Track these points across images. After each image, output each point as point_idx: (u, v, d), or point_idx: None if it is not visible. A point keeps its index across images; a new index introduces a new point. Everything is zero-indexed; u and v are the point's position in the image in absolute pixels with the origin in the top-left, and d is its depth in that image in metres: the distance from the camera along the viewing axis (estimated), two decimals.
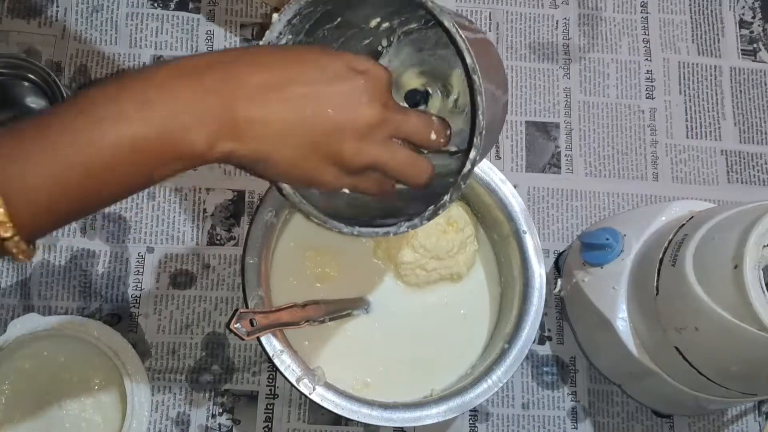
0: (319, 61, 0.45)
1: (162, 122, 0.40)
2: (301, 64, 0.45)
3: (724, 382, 0.60)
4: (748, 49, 0.85)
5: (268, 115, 0.43)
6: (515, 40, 0.82)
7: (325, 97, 0.44)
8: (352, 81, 0.45)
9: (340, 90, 0.45)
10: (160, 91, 0.41)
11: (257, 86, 0.43)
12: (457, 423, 0.72)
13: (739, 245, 0.53)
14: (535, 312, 0.65)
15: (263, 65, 0.44)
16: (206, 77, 0.42)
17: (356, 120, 0.45)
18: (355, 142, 0.45)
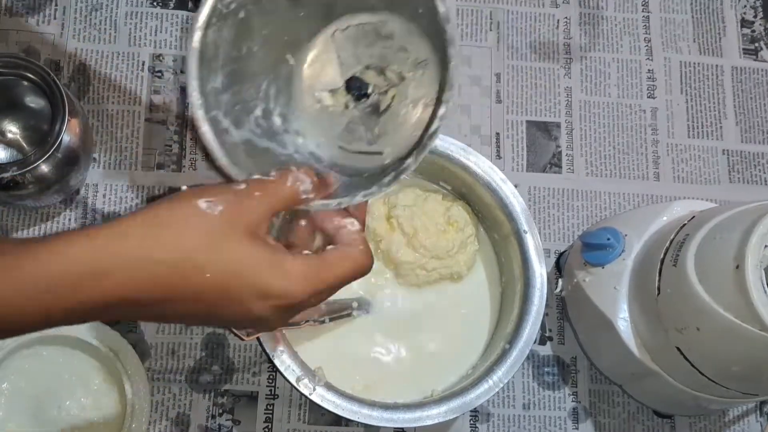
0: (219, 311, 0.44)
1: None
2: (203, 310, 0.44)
3: (726, 382, 0.60)
4: (750, 48, 0.84)
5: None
6: (516, 40, 0.82)
7: (225, 320, 0.46)
8: (254, 308, 0.44)
9: (239, 318, 0.45)
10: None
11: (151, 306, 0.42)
12: (458, 423, 0.72)
13: (741, 245, 0.53)
14: (536, 312, 0.65)
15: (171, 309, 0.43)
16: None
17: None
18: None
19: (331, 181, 0.49)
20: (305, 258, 0.45)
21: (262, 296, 0.43)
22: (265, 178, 0.47)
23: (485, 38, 0.82)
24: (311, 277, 0.45)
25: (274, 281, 0.43)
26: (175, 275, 0.41)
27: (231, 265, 0.42)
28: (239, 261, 0.43)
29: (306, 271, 0.44)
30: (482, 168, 0.67)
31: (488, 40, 0.82)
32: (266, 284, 0.43)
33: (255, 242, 0.43)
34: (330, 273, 0.46)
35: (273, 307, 0.44)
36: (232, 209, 0.43)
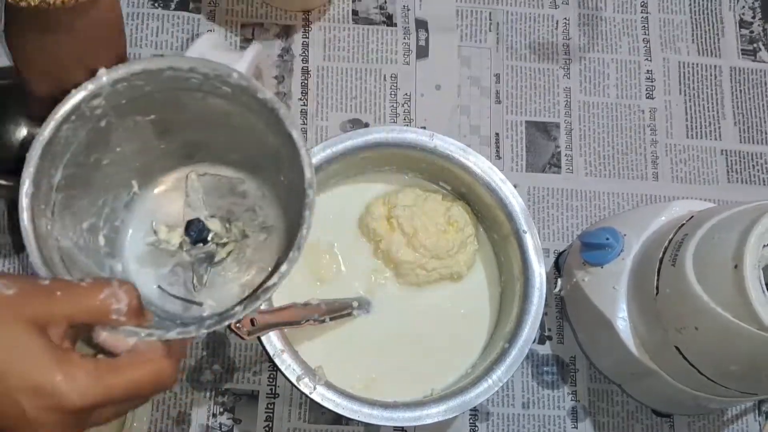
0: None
1: None
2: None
3: (724, 381, 0.60)
4: (748, 48, 0.85)
5: None
6: (515, 40, 0.82)
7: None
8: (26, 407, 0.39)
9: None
10: None
11: None
12: (458, 422, 0.72)
13: (739, 245, 0.53)
14: (536, 312, 0.65)
15: None
16: None
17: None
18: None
19: (150, 317, 0.45)
20: (95, 360, 0.41)
21: (39, 395, 0.38)
22: (73, 282, 0.43)
23: (485, 39, 0.82)
24: (99, 382, 0.40)
25: (50, 378, 0.38)
26: None
27: (7, 353, 0.38)
28: (14, 348, 0.38)
29: (94, 375, 0.40)
30: (482, 168, 0.67)
31: (488, 40, 0.82)
32: (44, 381, 0.38)
33: (39, 336, 0.39)
34: (122, 379, 0.41)
35: (49, 409, 0.38)
36: (24, 297, 0.40)
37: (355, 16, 0.81)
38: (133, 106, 0.49)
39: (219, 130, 0.53)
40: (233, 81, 0.47)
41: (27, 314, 0.39)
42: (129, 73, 0.47)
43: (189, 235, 0.54)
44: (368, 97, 0.79)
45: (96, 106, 0.47)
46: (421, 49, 0.81)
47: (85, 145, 0.49)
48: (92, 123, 0.48)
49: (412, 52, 0.81)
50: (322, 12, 0.81)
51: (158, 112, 0.51)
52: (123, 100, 0.48)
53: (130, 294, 0.43)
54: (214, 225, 0.55)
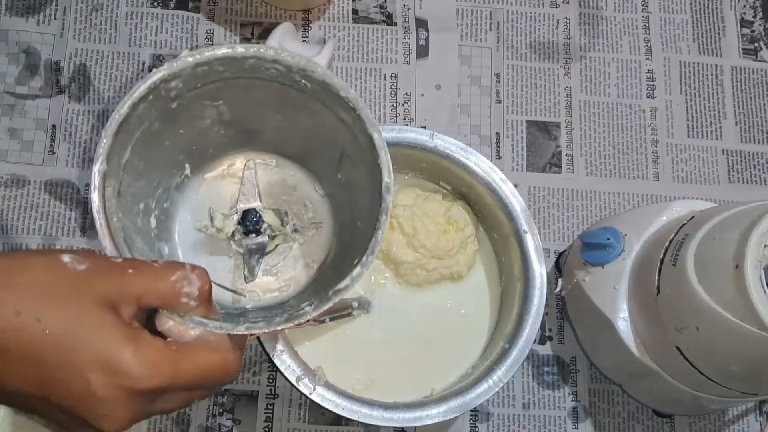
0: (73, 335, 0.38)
1: None
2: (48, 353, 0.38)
3: (725, 381, 0.60)
4: (750, 48, 0.85)
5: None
6: (516, 40, 0.82)
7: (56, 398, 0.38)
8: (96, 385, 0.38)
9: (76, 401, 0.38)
10: None
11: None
12: (458, 423, 0.72)
13: (741, 245, 0.53)
14: (536, 312, 0.65)
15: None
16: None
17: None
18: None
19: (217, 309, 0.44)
20: (166, 342, 0.40)
21: (107, 371, 0.38)
22: (145, 261, 0.42)
23: (485, 38, 0.82)
24: (168, 363, 0.39)
25: (123, 356, 0.38)
26: (12, 322, 0.37)
27: (77, 327, 0.38)
28: (88, 324, 0.38)
29: (164, 355, 0.39)
30: (482, 168, 0.67)
31: (488, 40, 0.82)
32: (114, 357, 0.38)
33: (109, 312, 0.39)
34: (192, 363, 0.40)
35: (118, 388, 0.38)
36: (97, 273, 0.39)
37: (355, 15, 0.81)
38: (206, 90, 0.49)
39: (284, 121, 0.52)
40: (317, 76, 0.47)
41: (98, 290, 0.39)
42: (212, 58, 0.46)
43: (244, 225, 0.53)
44: (368, 97, 0.79)
45: (173, 88, 0.47)
46: (422, 48, 0.81)
47: (155, 125, 0.48)
48: (165, 103, 0.48)
49: (412, 52, 0.81)
50: (322, 11, 0.80)
51: (228, 98, 0.50)
52: (199, 84, 0.48)
53: (203, 278, 0.42)
54: (270, 217, 0.54)
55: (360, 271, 0.46)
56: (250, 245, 0.54)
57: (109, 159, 0.46)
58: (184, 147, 0.53)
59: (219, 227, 0.54)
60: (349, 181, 0.51)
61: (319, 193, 0.56)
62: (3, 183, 0.73)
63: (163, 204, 0.54)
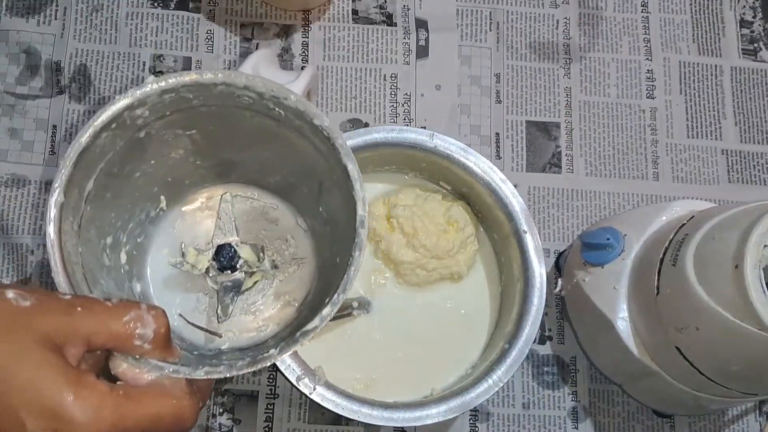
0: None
1: None
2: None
3: (725, 381, 0.60)
4: (749, 48, 0.85)
5: None
6: (515, 40, 0.82)
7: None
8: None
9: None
10: None
11: None
12: (458, 423, 0.72)
13: (740, 245, 0.53)
14: (536, 312, 0.65)
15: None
16: None
17: None
18: None
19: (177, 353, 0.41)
20: (112, 386, 0.37)
21: (45, 415, 0.35)
22: (96, 299, 0.39)
23: (485, 38, 0.82)
24: (111, 408, 0.36)
25: (63, 400, 0.35)
26: None
27: (15, 365, 0.35)
28: (27, 363, 0.35)
29: (107, 400, 0.36)
30: (482, 168, 0.67)
31: (488, 40, 0.82)
32: (53, 401, 0.35)
33: (52, 353, 0.36)
34: (139, 410, 0.38)
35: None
36: (42, 310, 0.37)
37: (355, 15, 0.81)
38: (176, 118, 0.47)
39: (261, 151, 0.50)
40: (290, 103, 0.45)
41: (42, 328, 0.36)
42: (179, 84, 0.44)
43: (218, 261, 0.51)
44: (368, 97, 0.79)
45: (138, 116, 0.45)
46: (421, 48, 0.81)
47: (121, 155, 0.46)
48: (131, 133, 0.46)
49: (412, 52, 0.81)
50: (322, 11, 0.81)
51: (200, 128, 0.48)
52: (167, 112, 0.46)
53: (159, 320, 0.39)
54: (246, 252, 0.52)
55: (329, 311, 0.44)
56: (225, 282, 0.52)
57: (68, 190, 0.43)
58: (157, 179, 0.51)
59: (192, 263, 0.52)
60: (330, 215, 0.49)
61: (301, 227, 0.54)
62: (3, 183, 0.73)
63: (137, 239, 0.51)
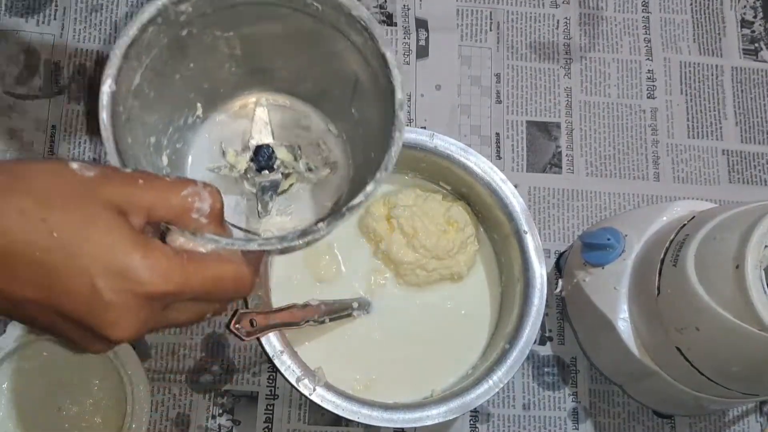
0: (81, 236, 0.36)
1: None
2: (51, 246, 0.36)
3: (726, 382, 0.60)
4: (750, 48, 0.84)
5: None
6: (516, 40, 0.82)
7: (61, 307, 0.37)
8: (104, 288, 0.37)
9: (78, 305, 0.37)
10: None
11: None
12: (458, 424, 0.72)
13: (741, 245, 0.53)
14: (536, 312, 0.65)
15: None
16: None
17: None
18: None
19: (230, 230, 0.43)
20: (177, 250, 0.39)
21: (115, 275, 0.36)
22: (156, 174, 0.41)
23: (485, 38, 0.82)
24: (179, 268, 0.38)
25: (132, 260, 0.36)
26: (17, 223, 0.36)
27: (84, 230, 0.36)
28: (96, 226, 0.36)
29: (174, 261, 0.38)
30: (482, 168, 0.67)
31: (488, 40, 0.82)
32: (122, 261, 0.36)
33: (119, 217, 0.37)
34: (203, 271, 0.39)
35: (126, 293, 0.37)
36: (106, 180, 0.38)
37: None
38: (217, 17, 0.48)
39: (296, 56, 0.51)
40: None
41: (107, 196, 0.37)
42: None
43: (257, 161, 0.53)
44: None
45: (182, 12, 0.46)
46: (422, 48, 0.81)
47: (165, 52, 0.48)
48: (175, 29, 0.47)
49: (412, 52, 0.80)
50: None
51: (238, 29, 0.50)
52: (209, 10, 0.47)
53: (214, 196, 0.41)
54: (282, 153, 0.54)
55: (373, 187, 0.45)
56: (263, 182, 0.53)
57: (119, 81, 0.44)
58: (195, 83, 0.52)
59: (232, 163, 0.53)
60: (362, 116, 0.50)
61: (333, 133, 0.55)
62: None
63: (176, 144, 0.53)
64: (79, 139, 0.75)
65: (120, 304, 0.37)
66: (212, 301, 0.42)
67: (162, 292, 0.37)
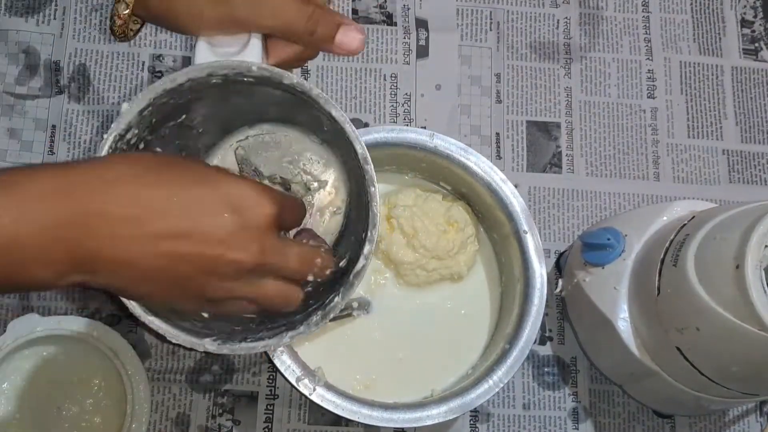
0: (193, 191, 0.41)
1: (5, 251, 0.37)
2: (173, 194, 0.41)
3: (726, 382, 0.60)
4: (750, 48, 0.84)
5: (129, 260, 0.40)
6: (516, 40, 0.82)
7: (195, 238, 0.41)
8: (228, 220, 0.41)
9: (212, 231, 0.41)
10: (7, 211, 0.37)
11: (122, 220, 0.39)
12: (458, 423, 0.72)
13: (741, 245, 0.53)
14: (536, 312, 0.65)
15: (129, 196, 0.40)
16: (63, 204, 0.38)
17: (226, 265, 0.42)
18: (222, 282, 0.43)
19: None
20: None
21: (237, 208, 0.42)
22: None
23: (485, 38, 0.82)
24: (278, 198, 0.44)
25: (245, 192, 0.42)
26: (148, 191, 0.40)
27: (202, 179, 0.42)
28: (209, 177, 0.42)
29: (274, 193, 0.44)
30: (482, 168, 0.67)
31: (488, 40, 0.82)
32: (239, 195, 0.42)
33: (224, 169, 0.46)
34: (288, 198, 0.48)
35: (250, 221, 0.42)
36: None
37: (355, 15, 0.81)
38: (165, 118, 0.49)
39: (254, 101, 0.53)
40: (255, 73, 0.47)
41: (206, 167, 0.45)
42: (151, 98, 0.47)
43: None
44: (368, 97, 0.79)
45: (130, 138, 0.48)
46: (421, 48, 0.81)
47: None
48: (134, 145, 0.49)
49: (412, 52, 0.80)
50: None
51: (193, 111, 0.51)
52: (153, 120, 0.49)
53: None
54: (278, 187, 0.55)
55: (369, 248, 0.47)
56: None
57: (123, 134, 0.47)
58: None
59: None
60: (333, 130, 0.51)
61: (315, 143, 0.55)
62: None
63: None
64: (78, 139, 0.75)
65: (234, 234, 0.41)
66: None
67: (274, 212, 0.43)
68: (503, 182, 0.67)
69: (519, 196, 0.67)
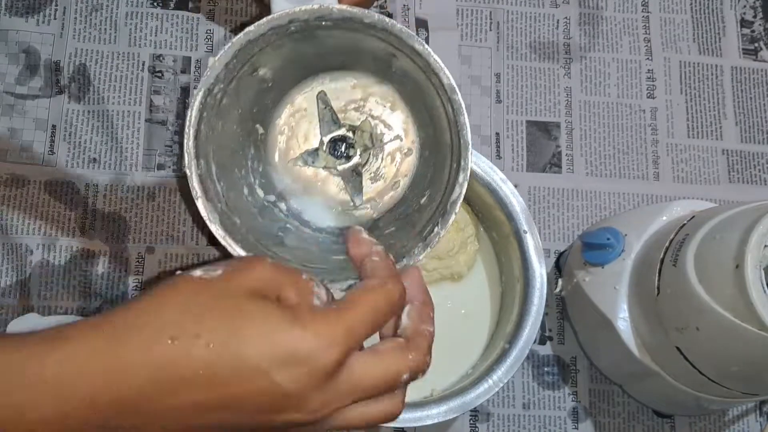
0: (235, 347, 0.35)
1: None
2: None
3: (725, 382, 0.60)
4: (750, 48, 0.84)
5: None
6: (516, 40, 0.82)
7: (235, 409, 0.36)
8: (280, 378, 0.35)
9: (260, 398, 0.36)
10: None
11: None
12: (458, 423, 0.72)
13: (741, 245, 0.53)
14: (536, 312, 0.65)
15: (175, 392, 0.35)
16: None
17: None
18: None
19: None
20: (322, 308, 0.38)
21: (286, 362, 0.35)
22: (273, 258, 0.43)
23: (485, 38, 0.82)
24: (338, 322, 0.37)
25: (294, 339, 0.35)
26: (172, 351, 0.34)
27: (237, 330, 0.35)
28: (248, 322, 0.35)
29: (331, 316, 0.37)
30: (482, 168, 0.67)
31: (488, 40, 0.82)
32: (286, 344, 0.35)
33: (262, 301, 0.37)
34: (359, 310, 0.38)
35: (304, 376, 0.35)
36: (235, 271, 0.38)
37: None
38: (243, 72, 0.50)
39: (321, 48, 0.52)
40: (336, 15, 0.47)
41: (243, 286, 0.37)
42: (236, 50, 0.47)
43: (336, 154, 0.54)
44: None
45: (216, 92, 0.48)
46: None
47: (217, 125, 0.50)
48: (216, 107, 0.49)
49: None
50: None
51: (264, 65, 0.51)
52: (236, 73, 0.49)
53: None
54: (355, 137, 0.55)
55: (464, 176, 0.48)
56: (346, 169, 0.54)
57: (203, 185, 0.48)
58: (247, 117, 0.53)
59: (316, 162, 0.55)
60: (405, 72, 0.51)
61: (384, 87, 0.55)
62: (3, 183, 0.73)
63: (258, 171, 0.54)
64: (79, 139, 0.75)
65: (303, 394, 0.36)
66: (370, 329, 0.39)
67: (337, 358, 0.36)
68: (503, 182, 0.67)
69: (519, 196, 0.67)
